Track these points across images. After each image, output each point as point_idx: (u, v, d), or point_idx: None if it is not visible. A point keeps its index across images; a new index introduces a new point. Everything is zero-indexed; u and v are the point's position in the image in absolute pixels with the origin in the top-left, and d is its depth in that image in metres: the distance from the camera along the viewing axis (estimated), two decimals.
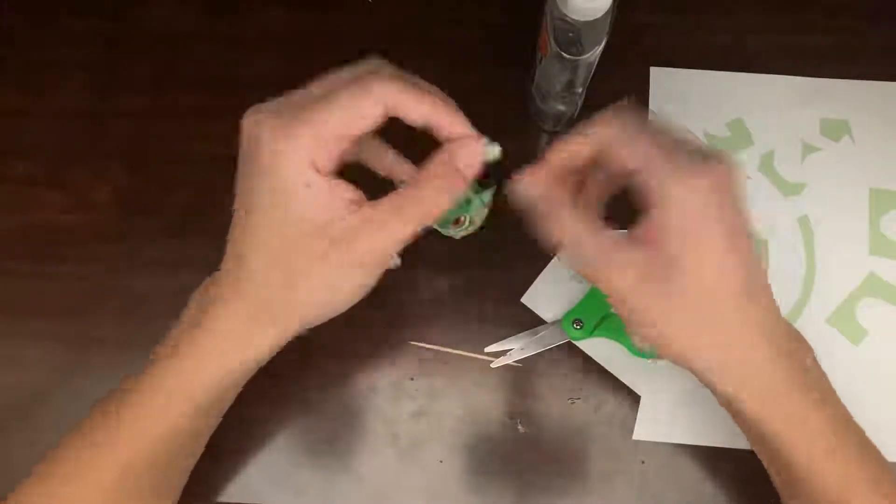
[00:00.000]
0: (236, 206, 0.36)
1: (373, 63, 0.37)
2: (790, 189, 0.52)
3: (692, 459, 0.47)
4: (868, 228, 0.52)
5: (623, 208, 0.36)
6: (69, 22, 0.56)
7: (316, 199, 0.33)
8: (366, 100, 0.33)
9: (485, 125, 0.37)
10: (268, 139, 0.33)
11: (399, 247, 0.35)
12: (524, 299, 0.50)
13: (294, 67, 0.55)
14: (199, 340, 0.37)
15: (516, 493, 0.47)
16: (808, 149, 0.53)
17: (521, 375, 0.49)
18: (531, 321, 0.50)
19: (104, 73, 0.55)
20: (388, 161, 0.41)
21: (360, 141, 0.35)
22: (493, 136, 0.45)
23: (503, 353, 0.49)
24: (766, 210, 0.52)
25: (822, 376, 0.39)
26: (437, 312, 0.50)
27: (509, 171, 0.38)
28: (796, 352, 0.38)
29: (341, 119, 0.33)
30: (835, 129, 0.54)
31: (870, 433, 0.48)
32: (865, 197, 0.52)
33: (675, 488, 0.47)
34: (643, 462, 0.47)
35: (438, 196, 0.35)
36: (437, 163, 0.35)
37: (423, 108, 0.34)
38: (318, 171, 0.33)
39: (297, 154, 0.33)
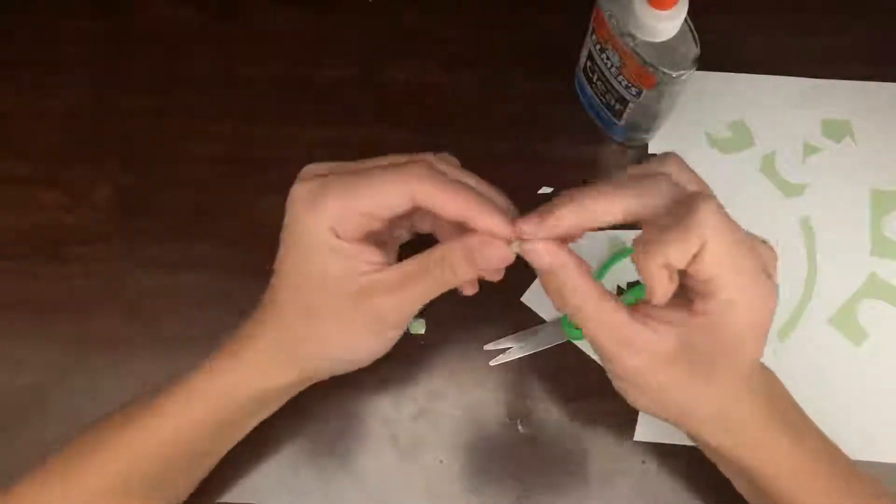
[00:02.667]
0: (277, 260, 0.39)
1: (443, 158, 0.38)
2: (791, 190, 0.52)
3: (692, 460, 0.47)
4: (869, 229, 0.52)
5: None
6: (69, 22, 0.56)
7: (339, 260, 0.36)
8: (396, 189, 0.35)
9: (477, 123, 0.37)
10: (299, 207, 0.37)
11: (417, 308, 0.38)
12: (524, 298, 0.50)
13: (294, 67, 0.56)
14: (225, 365, 0.40)
15: (516, 493, 0.47)
16: (810, 149, 0.53)
17: (521, 375, 0.49)
18: (531, 320, 0.50)
19: (104, 73, 0.55)
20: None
21: (394, 222, 0.37)
22: (491, 132, 0.45)
23: (502, 351, 0.49)
24: (767, 211, 0.52)
25: (795, 405, 0.40)
26: (436, 311, 0.50)
27: None
28: (773, 388, 0.40)
29: (368, 200, 0.35)
30: (836, 130, 0.54)
31: (870, 434, 0.48)
32: (867, 198, 0.52)
33: (675, 489, 0.47)
34: (643, 462, 0.47)
35: (456, 276, 0.36)
36: (462, 248, 0.36)
37: (452, 208, 0.35)
38: (341, 237, 0.36)
39: (321, 225, 0.36)
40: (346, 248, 0.36)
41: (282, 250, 0.38)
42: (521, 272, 0.50)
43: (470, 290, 0.40)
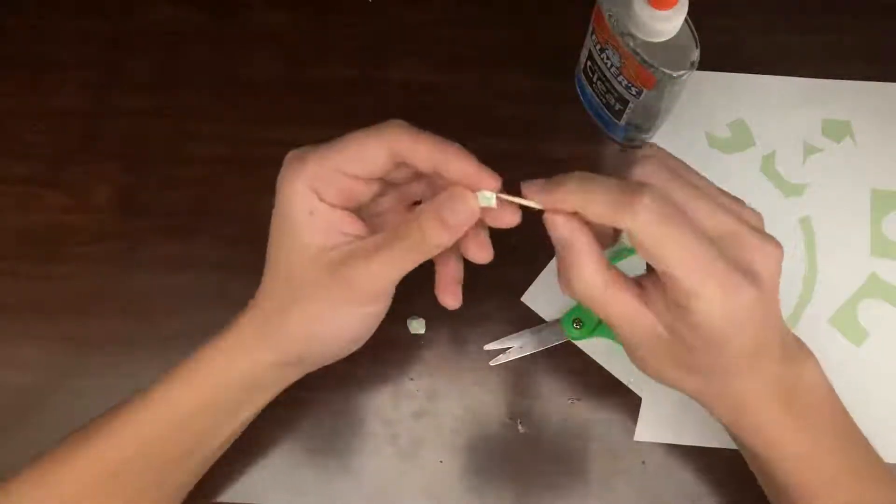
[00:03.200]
0: (269, 236, 0.39)
1: (396, 121, 0.38)
2: (792, 190, 0.52)
3: (692, 460, 0.47)
4: (869, 229, 0.52)
5: None
6: (69, 22, 0.56)
7: (317, 225, 0.36)
8: (371, 142, 0.36)
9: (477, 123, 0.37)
10: (282, 174, 0.38)
11: (393, 278, 0.37)
12: (524, 298, 0.50)
13: (294, 67, 0.56)
14: (215, 345, 0.40)
15: (516, 493, 0.47)
16: (810, 150, 0.53)
17: (521, 376, 0.49)
18: (531, 320, 0.50)
19: (104, 73, 0.55)
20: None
21: (379, 184, 0.38)
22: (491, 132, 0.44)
23: (502, 351, 0.49)
24: (767, 211, 0.52)
25: (825, 395, 0.40)
26: (436, 311, 0.49)
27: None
28: (796, 379, 0.39)
29: (345, 157, 0.36)
30: (836, 130, 0.54)
31: (871, 434, 0.48)
32: (867, 198, 0.52)
33: (676, 489, 0.47)
34: (643, 462, 0.47)
35: (426, 237, 0.35)
36: (431, 209, 0.35)
37: (428, 153, 0.35)
38: (324, 202, 0.36)
39: (300, 183, 0.36)
40: (325, 210, 0.36)
41: (271, 223, 0.39)
42: (520, 272, 0.50)
43: (481, 255, 0.39)
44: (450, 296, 0.41)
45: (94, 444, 0.39)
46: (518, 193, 0.36)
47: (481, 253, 0.38)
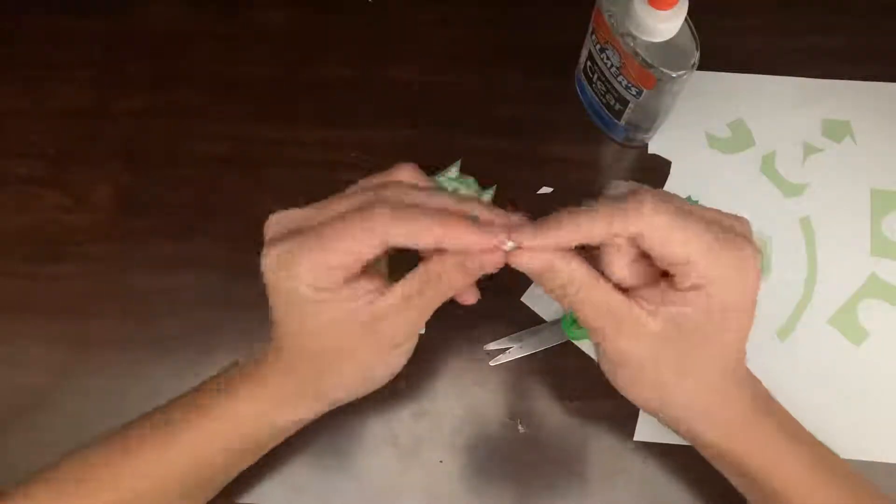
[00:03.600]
0: (270, 313, 0.38)
1: (401, 173, 0.38)
2: (792, 190, 0.52)
3: (692, 460, 0.47)
4: (869, 229, 0.51)
5: None
6: (69, 22, 0.56)
7: (330, 310, 0.36)
8: (364, 239, 0.34)
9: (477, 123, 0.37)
10: (273, 276, 0.36)
11: (423, 321, 0.37)
12: (524, 298, 0.50)
13: (294, 67, 0.56)
14: (237, 401, 0.40)
15: (516, 493, 0.47)
16: (810, 149, 0.53)
17: (521, 376, 0.49)
18: (531, 320, 0.50)
19: (104, 73, 0.55)
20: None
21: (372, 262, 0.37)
22: (491, 132, 0.44)
23: (502, 351, 0.49)
24: (767, 211, 0.52)
25: (779, 404, 0.41)
26: (436, 311, 0.49)
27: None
28: (758, 391, 0.40)
29: (339, 256, 0.34)
30: (836, 130, 0.54)
31: (871, 434, 0.48)
32: (867, 198, 0.52)
33: (676, 489, 0.47)
34: (643, 462, 0.47)
35: (453, 286, 0.36)
36: (453, 260, 0.35)
37: (428, 241, 0.34)
38: (324, 290, 0.35)
39: (300, 287, 0.35)
40: (334, 297, 0.35)
41: (272, 309, 0.38)
42: (520, 273, 0.50)
43: (471, 299, 0.40)
44: (465, 294, 0.40)
45: (110, 472, 0.39)
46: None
47: (472, 297, 0.40)
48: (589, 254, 0.35)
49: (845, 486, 0.39)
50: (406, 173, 0.38)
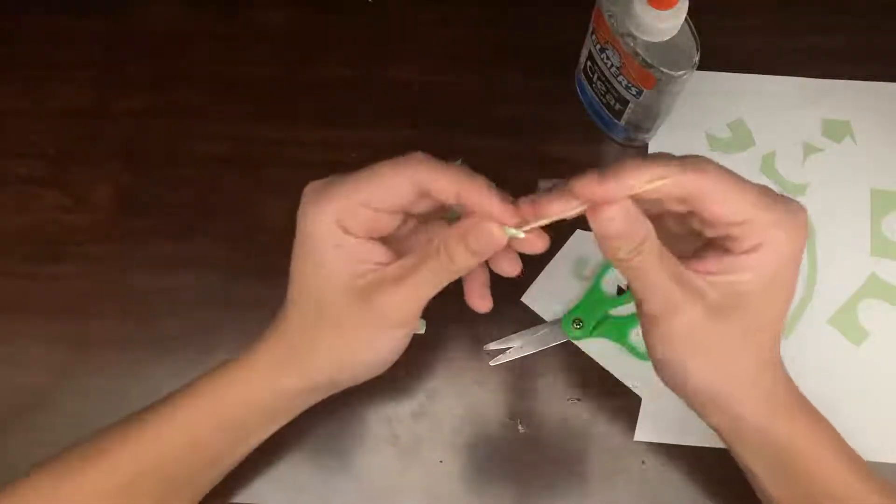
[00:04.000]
0: (291, 264, 0.39)
1: (419, 154, 0.38)
2: (792, 190, 0.52)
3: (692, 460, 0.47)
4: (870, 229, 0.52)
5: None
6: (69, 22, 0.56)
7: (344, 257, 0.36)
8: (395, 175, 0.36)
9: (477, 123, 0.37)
10: (305, 209, 0.37)
11: (421, 302, 0.37)
12: (524, 298, 0.50)
13: (294, 67, 0.56)
14: (234, 368, 0.40)
15: (516, 493, 0.47)
16: (810, 149, 0.53)
17: (521, 375, 0.49)
18: (531, 320, 0.50)
19: (104, 73, 0.55)
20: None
21: (402, 215, 0.37)
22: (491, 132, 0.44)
23: (502, 351, 0.49)
24: None
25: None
26: (436, 311, 0.49)
27: None
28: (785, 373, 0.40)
29: (370, 190, 0.36)
30: (836, 130, 0.54)
31: (871, 434, 0.48)
32: (867, 198, 0.52)
33: (675, 489, 0.47)
34: (643, 462, 0.47)
35: (454, 262, 0.36)
36: (457, 234, 0.35)
37: (451, 186, 0.35)
38: (347, 231, 0.36)
39: (326, 218, 0.36)
40: (352, 244, 0.36)
41: (292, 256, 0.38)
42: (520, 273, 0.50)
43: (484, 307, 0.40)
44: (479, 300, 0.41)
45: (109, 456, 0.39)
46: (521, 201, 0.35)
47: (511, 267, 0.38)
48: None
49: (876, 483, 0.39)
50: (418, 157, 0.38)
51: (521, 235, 0.35)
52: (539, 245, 0.36)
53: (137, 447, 0.39)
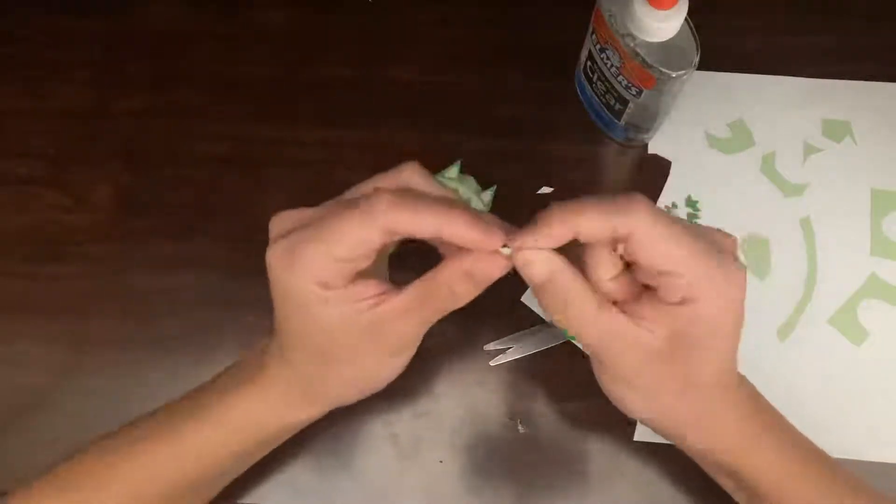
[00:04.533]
0: (275, 313, 0.38)
1: (405, 171, 0.37)
2: (792, 190, 0.52)
3: (692, 460, 0.47)
4: (870, 229, 0.52)
5: None
6: (69, 22, 0.56)
7: (336, 309, 0.35)
8: (367, 226, 0.34)
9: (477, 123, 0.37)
10: (278, 271, 0.36)
11: (426, 328, 0.37)
12: (524, 298, 0.50)
13: (294, 67, 0.56)
14: (245, 396, 0.40)
15: (516, 493, 0.47)
16: (810, 149, 0.53)
17: (521, 376, 0.49)
18: (531, 320, 0.50)
19: (104, 73, 0.55)
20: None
21: (377, 255, 0.36)
22: (491, 132, 0.44)
23: (502, 351, 0.49)
24: (767, 211, 0.52)
25: (777, 412, 0.41)
26: None
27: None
28: (757, 396, 0.40)
29: (343, 246, 0.34)
30: (836, 130, 0.54)
31: (871, 434, 0.48)
32: (867, 198, 0.52)
33: (676, 489, 0.47)
34: (644, 462, 0.47)
35: (459, 297, 0.36)
36: (459, 272, 0.35)
37: (428, 227, 0.34)
38: (329, 288, 0.35)
39: (305, 282, 0.35)
40: (340, 296, 0.35)
41: (276, 309, 0.38)
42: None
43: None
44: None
45: (117, 473, 0.39)
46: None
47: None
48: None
49: (836, 484, 0.39)
50: (410, 170, 0.37)
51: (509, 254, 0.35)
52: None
53: (144, 465, 0.39)
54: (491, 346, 0.49)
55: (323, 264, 0.34)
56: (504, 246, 0.34)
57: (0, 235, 0.52)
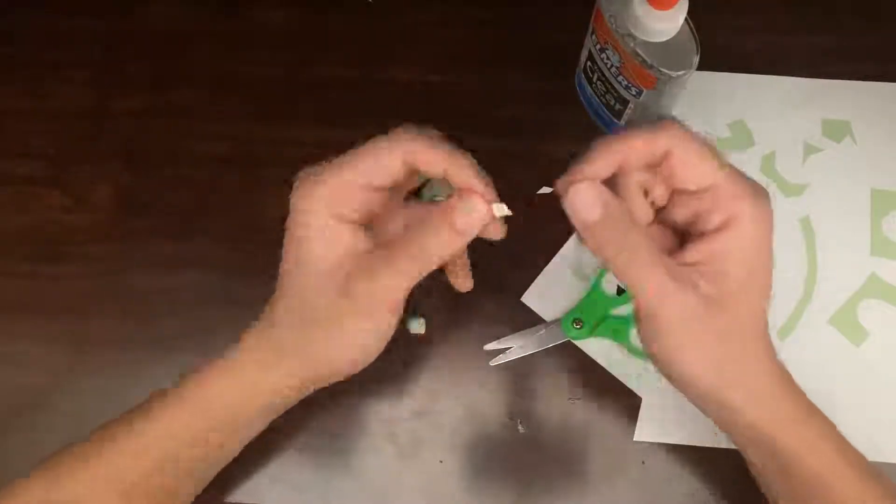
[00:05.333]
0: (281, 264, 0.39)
1: (407, 128, 0.38)
2: (792, 190, 0.52)
3: (692, 460, 0.47)
4: (870, 229, 0.52)
5: None
6: (69, 22, 0.56)
7: (329, 244, 0.36)
8: (386, 151, 0.36)
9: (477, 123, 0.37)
10: (296, 188, 0.37)
11: (400, 292, 0.37)
12: (524, 298, 0.50)
13: (294, 67, 0.56)
14: (223, 370, 0.40)
15: (516, 493, 0.47)
16: (810, 149, 0.53)
17: (521, 375, 0.49)
18: (531, 320, 0.50)
19: (104, 73, 0.55)
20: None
21: (392, 194, 0.37)
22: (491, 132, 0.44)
23: (502, 351, 0.49)
24: None
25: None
26: (436, 311, 0.50)
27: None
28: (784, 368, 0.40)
29: (362, 168, 0.36)
30: (836, 130, 0.54)
31: (871, 434, 0.48)
32: (867, 198, 0.52)
33: (676, 489, 0.47)
34: (643, 463, 0.47)
35: (438, 246, 0.36)
36: (440, 213, 0.36)
37: (439, 161, 0.35)
38: (339, 218, 0.36)
39: (316, 204, 0.36)
40: (340, 231, 0.36)
41: (283, 250, 0.38)
42: (520, 272, 0.50)
43: (465, 286, 0.41)
44: (463, 280, 0.42)
45: (107, 458, 0.39)
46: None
47: (466, 282, 0.40)
48: None
49: (874, 479, 0.39)
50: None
51: (509, 212, 0.35)
52: (501, 231, 0.37)
53: (133, 451, 0.39)
54: (491, 346, 0.49)
55: (341, 183, 0.36)
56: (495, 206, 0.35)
57: (0, 235, 0.52)
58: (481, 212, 0.35)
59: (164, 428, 0.39)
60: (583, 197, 0.34)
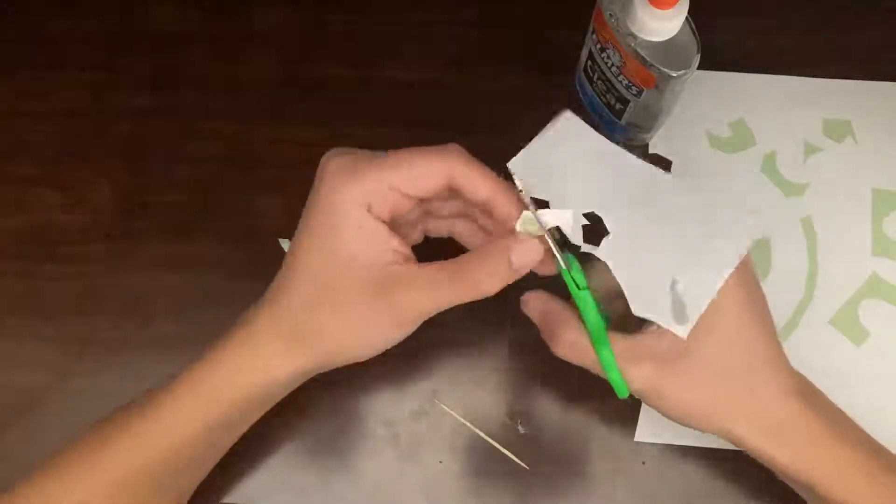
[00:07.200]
0: (293, 241, 0.38)
1: (458, 147, 0.39)
2: (792, 190, 0.52)
3: (693, 460, 0.47)
4: (871, 229, 0.51)
5: None
6: (69, 22, 0.56)
7: (365, 240, 0.35)
8: (433, 165, 0.36)
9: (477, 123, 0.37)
10: (331, 175, 0.36)
11: (437, 311, 0.37)
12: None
13: (294, 67, 0.56)
14: (228, 356, 0.39)
15: (516, 493, 0.47)
16: (811, 149, 0.53)
17: (521, 375, 0.49)
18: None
19: (103, 73, 0.55)
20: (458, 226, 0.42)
21: (421, 205, 0.38)
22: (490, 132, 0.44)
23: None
24: (768, 211, 0.52)
25: (842, 414, 0.40)
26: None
27: None
28: (815, 397, 0.40)
29: (405, 176, 0.35)
30: (837, 130, 0.53)
31: (871, 434, 0.48)
32: (868, 198, 0.52)
33: (675, 488, 0.47)
34: (644, 463, 0.47)
35: (489, 282, 0.36)
36: (499, 251, 0.36)
37: (485, 186, 0.36)
38: (372, 212, 0.35)
39: (354, 193, 0.35)
40: (377, 228, 0.35)
41: (303, 228, 0.37)
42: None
43: (548, 270, 0.39)
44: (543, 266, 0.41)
45: (104, 454, 0.39)
46: None
47: (547, 269, 0.39)
48: None
49: None
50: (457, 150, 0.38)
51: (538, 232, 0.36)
52: (553, 269, 0.38)
53: (131, 445, 0.39)
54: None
55: (378, 186, 0.35)
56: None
57: (0, 235, 0.52)
58: (539, 252, 0.35)
59: (163, 423, 0.39)
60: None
